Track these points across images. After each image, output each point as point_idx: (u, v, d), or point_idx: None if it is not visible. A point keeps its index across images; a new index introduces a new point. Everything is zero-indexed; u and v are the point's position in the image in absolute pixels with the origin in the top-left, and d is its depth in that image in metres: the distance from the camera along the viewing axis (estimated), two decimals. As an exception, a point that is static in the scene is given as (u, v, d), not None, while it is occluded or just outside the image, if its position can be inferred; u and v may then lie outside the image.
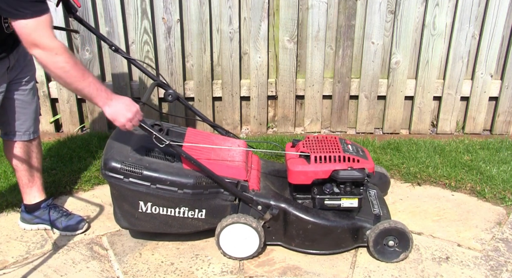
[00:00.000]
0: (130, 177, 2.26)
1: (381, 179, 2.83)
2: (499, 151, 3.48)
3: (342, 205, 2.38)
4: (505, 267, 2.38)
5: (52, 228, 2.60)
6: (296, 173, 2.39)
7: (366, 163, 2.38)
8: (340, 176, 2.33)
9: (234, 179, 2.38)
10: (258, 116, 3.90)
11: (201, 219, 2.38)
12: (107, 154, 2.33)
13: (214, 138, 2.64)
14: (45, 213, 2.60)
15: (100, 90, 2.08)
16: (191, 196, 2.30)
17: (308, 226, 2.36)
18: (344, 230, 2.37)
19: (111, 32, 3.62)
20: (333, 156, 2.37)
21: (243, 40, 3.71)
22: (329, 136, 2.57)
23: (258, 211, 2.37)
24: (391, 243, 2.35)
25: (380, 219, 2.41)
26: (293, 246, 2.43)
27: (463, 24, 3.60)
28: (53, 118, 3.89)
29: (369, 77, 3.75)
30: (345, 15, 3.62)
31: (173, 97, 2.60)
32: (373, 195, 2.62)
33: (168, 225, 2.39)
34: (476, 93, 3.80)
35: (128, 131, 2.44)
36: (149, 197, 2.30)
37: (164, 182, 2.27)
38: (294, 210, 2.36)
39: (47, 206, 2.62)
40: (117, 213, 2.40)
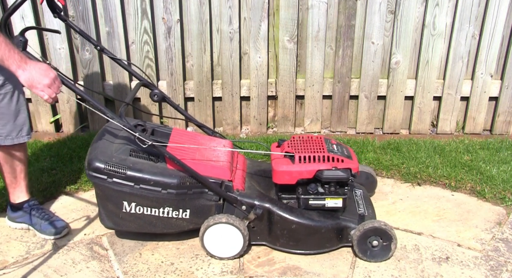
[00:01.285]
0: (114, 177, 2.26)
1: (367, 178, 2.84)
2: (499, 151, 3.48)
3: (327, 205, 2.39)
4: (505, 267, 2.38)
5: (32, 229, 2.60)
6: (281, 173, 2.39)
7: (351, 163, 2.38)
8: (325, 175, 2.33)
9: (218, 179, 2.38)
10: (258, 116, 3.90)
11: (186, 219, 2.38)
12: (91, 154, 2.33)
13: (200, 138, 2.65)
14: (26, 214, 2.60)
15: (13, 52, 1.97)
16: (175, 196, 2.30)
17: (292, 226, 2.36)
18: (328, 230, 2.38)
19: (111, 32, 3.62)
20: (318, 156, 2.37)
21: (243, 40, 3.71)
22: (315, 136, 2.58)
23: (243, 211, 2.37)
24: (375, 243, 2.36)
25: (364, 218, 2.41)
26: (278, 246, 2.44)
27: (463, 24, 3.60)
28: (53, 118, 3.89)
29: (369, 77, 3.75)
30: (345, 15, 3.62)
31: (159, 97, 2.60)
32: (359, 194, 2.63)
33: (153, 225, 2.39)
34: (476, 93, 3.81)
35: (112, 132, 2.44)
36: (133, 197, 2.30)
37: (148, 182, 2.27)
38: (278, 210, 2.37)
39: (29, 206, 2.61)
40: (102, 213, 2.40)
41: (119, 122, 2.23)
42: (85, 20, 3.57)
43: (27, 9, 3.53)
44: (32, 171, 3.13)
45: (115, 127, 2.40)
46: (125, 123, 2.23)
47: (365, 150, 3.46)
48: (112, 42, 3.65)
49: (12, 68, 1.99)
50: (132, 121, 2.37)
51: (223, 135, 2.87)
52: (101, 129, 2.56)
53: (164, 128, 2.63)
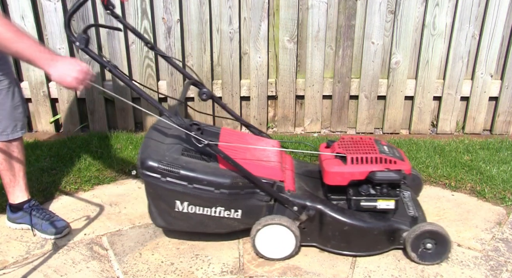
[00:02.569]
0: (168, 176, 2.25)
1: (414, 180, 2.78)
2: (499, 151, 3.48)
3: (378, 206, 2.35)
4: (505, 267, 2.38)
5: (33, 230, 2.59)
6: (333, 174, 2.36)
7: (403, 164, 2.35)
8: (377, 177, 2.30)
9: (270, 180, 2.36)
10: (258, 116, 3.90)
11: (237, 219, 2.36)
12: (144, 152, 2.30)
13: (249, 138, 2.64)
14: (26, 214, 2.59)
15: (42, 52, 1.99)
16: (228, 196, 2.29)
17: (344, 227, 2.33)
18: (380, 231, 2.35)
19: (111, 32, 3.62)
20: (370, 157, 2.34)
21: (243, 40, 3.71)
22: (364, 137, 2.55)
23: (294, 211, 2.35)
24: (429, 246, 2.32)
25: (417, 221, 2.38)
26: (329, 247, 2.41)
27: (463, 24, 3.60)
28: (53, 118, 3.89)
29: (369, 77, 3.76)
30: (345, 15, 3.62)
31: (207, 96, 2.58)
32: (407, 196, 2.59)
33: (204, 225, 2.38)
34: (476, 93, 3.81)
35: (162, 131, 2.43)
36: (186, 197, 2.29)
37: (201, 181, 2.25)
38: (330, 211, 2.34)
39: (29, 207, 2.60)
40: (153, 212, 2.38)
41: (176, 121, 2.23)
42: (85, 20, 3.57)
43: (27, 10, 3.53)
44: (32, 171, 3.13)
45: (165, 126, 2.40)
46: (182, 122, 2.22)
47: (365, 150, 3.46)
48: (112, 42, 3.65)
49: (44, 67, 2.01)
50: (186, 120, 2.34)
51: (269, 135, 2.85)
52: (150, 128, 2.54)
53: (212, 127, 2.62)
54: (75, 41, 2.07)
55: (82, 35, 2.07)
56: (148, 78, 3.75)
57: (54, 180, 3.05)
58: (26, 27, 3.58)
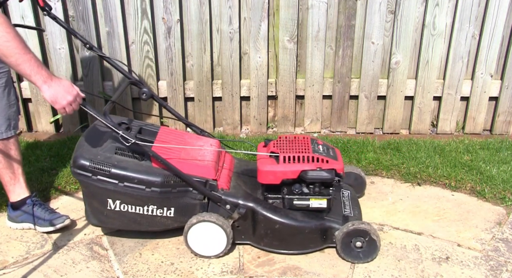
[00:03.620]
0: (98, 175, 2.28)
1: (356, 179, 2.84)
2: (499, 151, 3.48)
3: (311, 205, 2.39)
4: (505, 267, 2.38)
5: (35, 225, 2.60)
6: (265, 173, 2.40)
7: (336, 163, 2.38)
8: (309, 176, 2.34)
9: (203, 178, 2.39)
10: (258, 116, 3.90)
11: (170, 217, 2.39)
12: (77, 151, 2.34)
13: (187, 137, 2.65)
14: (29, 209, 2.61)
15: (41, 68, 2.03)
16: (159, 194, 2.31)
17: (276, 225, 2.37)
18: (312, 230, 2.38)
19: (111, 32, 3.62)
20: (302, 156, 2.38)
21: (243, 40, 3.71)
22: (301, 136, 2.58)
23: (227, 210, 2.38)
24: (359, 244, 2.35)
25: (348, 219, 2.41)
26: (262, 246, 2.44)
27: (463, 24, 3.60)
28: (53, 118, 3.89)
29: (369, 77, 3.75)
30: (345, 15, 3.62)
31: (147, 96, 2.61)
32: (347, 195, 2.63)
33: (137, 223, 2.40)
34: (476, 93, 3.81)
35: (100, 130, 2.45)
36: (117, 195, 2.32)
37: (132, 180, 2.28)
38: (262, 210, 2.37)
39: (32, 202, 2.62)
40: (87, 210, 2.43)
41: (103, 120, 2.24)
42: (85, 20, 3.57)
43: (27, 10, 3.53)
44: (32, 171, 3.13)
45: (102, 125, 2.41)
46: (109, 121, 2.24)
47: (365, 150, 3.46)
48: (112, 42, 3.65)
49: (38, 84, 2.05)
50: (117, 119, 2.37)
51: (211, 134, 2.87)
52: (89, 127, 2.58)
53: (152, 127, 2.63)
54: None
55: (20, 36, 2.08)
56: (148, 78, 3.75)
57: (54, 180, 3.05)
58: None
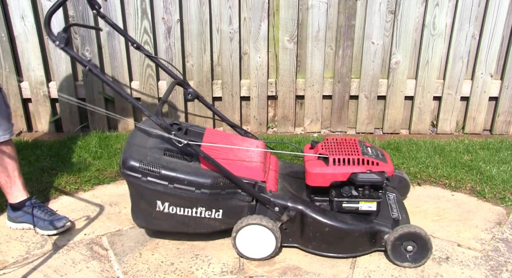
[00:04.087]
0: (148, 176, 2.25)
1: (400, 182, 2.79)
2: (499, 151, 3.48)
3: (360, 208, 2.35)
4: (505, 267, 2.38)
5: (35, 227, 2.59)
6: (314, 175, 2.36)
7: (386, 166, 2.35)
8: (359, 178, 2.30)
9: (252, 180, 2.36)
10: (258, 116, 3.90)
11: (218, 219, 2.37)
12: (126, 152, 2.31)
13: (233, 138, 2.64)
14: (28, 212, 2.60)
15: None
16: (209, 196, 2.29)
17: (325, 228, 2.33)
18: (361, 233, 2.34)
19: (111, 32, 3.62)
20: (352, 159, 2.34)
21: (243, 40, 3.71)
22: (349, 138, 2.54)
23: (275, 212, 2.35)
24: (410, 248, 2.31)
25: (398, 223, 2.37)
26: (310, 249, 2.41)
27: (463, 24, 3.60)
28: (53, 118, 3.89)
29: (369, 77, 3.76)
30: (345, 15, 3.62)
31: (193, 96, 2.62)
32: (392, 198, 2.58)
33: (185, 225, 2.38)
34: (476, 93, 3.81)
35: (146, 131, 2.43)
36: (166, 196, 2.29)
37: (182, 181, 2.26)
38: (312, 212, 2.33)
39: (31, 204, 2.61)
40: (135, 212, 2.39)
41: (156, 121, 2.23)
42: (85, 20, 3.57)
43: (27, 10, 3.53)
44: (32, 171, 3.13)
45: (149, 125, 2.40)
46: (162, 122, 2.22)
47: (365, 150, 3.46)
48: (112, 42, 3.65)
49: None
50: (167, 120, 2.35)
51: (255, 135, 2.85)
52: (134, 128, 2.56)
53: (197, 128, 2.62)
54: (54, 40, 2.07)
55: (62, 34, 2.08)
56: (148, 78, 3.75)
57: (54, 180, 3.05)
58: (26, 27, 3.58)
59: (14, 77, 3.72)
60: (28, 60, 3.69)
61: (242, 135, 2.79)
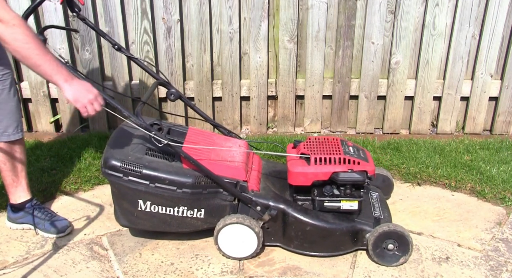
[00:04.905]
0: (130, 176, 2.27)
1: (384, 181, 2.81)
2: (499, 151, 3.48)
3: (342, 207, 2.36)
4: (505, 267, 2.38)
5: (36, 229, 2.59)
6: (296, 174, 2.38)
7: (367, 165, 2.36)
8: (340, 178, 2.32)
9: (233, 179, 2.38)
10: (258, 116, 3.90)
11: (200, 218, 2.38)
12: (107, 152, 2.33)
13: (216, 138, 2.64)
14: (29, 214, 2.60)
15: (61, 68, 2.03)
16: (190, 195, 2.30)
17: (307, 227, 2.35)
18: (343, 232, 2.36)
19: (111, 32, 3.62)
20: (333, 158, 2.35)
21: (243, 40, 3.71)
22: (331, 137, 2.56)
23: (257, 211, 2.37)
24: (391, 247, 2.33)
25: (380, 222, 2.38)
26: (292, 248, 2.42)
27: (463, 24, 3.60)
28: (53, 118, 3.89)
29: (369, 77, 3.75)
30: (345, 15, 3.62)
31: (175, 96, 2.62)
32: (375, 197, 2.60)
33: (167, 224, 2.39)
34: (476, 93, 3.81)
35: (129, 131, 2.44)
36: (148, 196, 2.31)
37: (163, 181, 2.27)
38: (293, 211, 2.35)
39: (31, 206, 2.61)
40: (117, 211, 2.41)
41: (135, 121, 2.23)
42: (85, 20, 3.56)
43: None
44: (32, 171, 3.13)
45: (132, 126, 2.40)
46: (141, 122, 2.23)
47: (365, 150, 3.46)
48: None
49: (60, 83, 2.03)
50: (148, 120, 2.36)
51: (238, 135, 2.86)
52: (117, 128, 2.56)
53: (180, 127, 2.62)
54: None
55: (39, 37, 2.09)
56: (148, 78, 3.75)
57: (54, 180, 3.05)
58: (26, 27, 3.58)
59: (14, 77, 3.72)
60: (28, 60, 3.69)
61: (226, 135, 2.80)
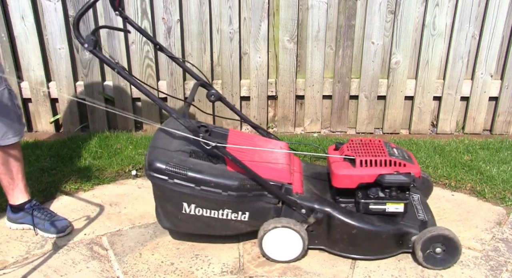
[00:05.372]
0: (175, 178, 2.23)
1: (423, 183, 2.76)
2: (499, 151, 3.48)
3: (387, 209, 2.33)
4: (505, 267, 2.38)
5: (35, 229, 2.58)
6: (341, 177, 2.34)
7: (412, 167, 2.32)
8: (386, 180, 2.27)
9: (279, 182, 2.35)
10: (258, 116, 3.90)
11: (244, 221, 2.35)
12: (151, 154, 2.29)
13: (257, 139, 2.62)
14: (28, 215, 2.59)
15: None
16: (235, 198, 2.27)
17: (353, 230, 2.31)
18: (389, 235, 2.33)
19: (111, 32, 3.62)
20: (379, 160, 2.32)
21: (243, 40, 3.71)
22: (374, 139, 2.52)
23: (302, 214, 2.33)
24: (439, 250, 2.30)
25: (426, 225, 2.35)
26: (337, 251, 2.39)
27: (463, 24, 3.60)
28: (53, 118, 3.89)
29: (369, 77, 3.76)
30: (345, 15, 3.62)
31: (216, 97, 2.58)
32: (417, 199, 2.56)
33: (211, 227, 2.36)
34: (476, 93, 3.81)
35: (170, 132, 2.41)
36: (193, 199, 2.28)
37: (209, 183, 2.24)
38: (339, 214, 2.32)
39: (31, 207, 2.60)
40: (160, 214, 2.38)
41: (184, 123, 2.22)
42: (85, 20, 3.57)
43: (27, 10, 3.53)
44: (32, 171, 3.13)
45: (173, 127, 2.38)
46: (190, 124, 2.21)
47: (365, 150, 3.46)
48: (112, 42, 3.65)
49: None
50: (193, 122, 2.33)
51: (277, 137, 2.83)
52: (157, 130, 2.54)
53: (220, 129, 2.61)
54: (83, 43, 2.06)
55: (91, 37, 2.07)
56: (148, 78, 3.75)
57: (54, 180, 3.05)
58: (26, 27, 3.58)
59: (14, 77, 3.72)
60: (28, 60, 3.69)
61: (265, 136, 2.77)
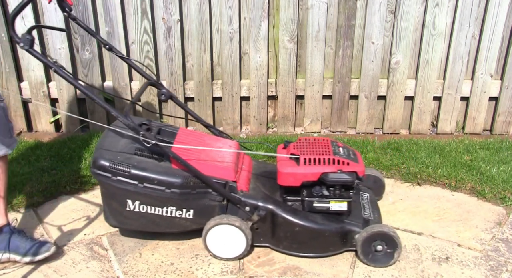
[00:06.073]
0: (118, 176, 2.27)
1: (375, 182, 2.81)
2: (499, 151, 3.48)
3: (331, 208, 2.36)
4: (505, 267, 2.38)
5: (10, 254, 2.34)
6: (285, 175, 2.37)
7: (356, 166, 2.36)
8: (329, 178, 2.31)
9: (222, 180, 2.38)
10: (258, 116, 3.90)
11: (189, 218, 2.38)
12: (97, 152, 2.35)
13: (206, 138, 2.64)
14: (5, 239, 2.35)
15: None
16: (179, 195, 2.31)
17: (296, 228, 2.34)
18: (332, 233, 2.36)
19: (111, 32, 3.62)
20: (323, 158, 2.35)
21: (243, 40, 3.71)
22: (321, 138, 2.56)
23: (246, 212, 2.37)
24: (380, 248, 2.32)
25: (369, 223, 2.38)
26: (281, 248, 2.42)
27: (463, 24, 3.60)
28: (53, 118, 3.89)
29: (369, 77, 3.75)
30: (345, 15, 3.62)
31: (166, 97, 2.64)
32: (366, 198, 2.60)
33: (156, 224, 2.39)
34: (476, 93, 3.81)
35: (118, 131, 2.43)
36: (137, 196, 2.31)
37: (152, 181, 2.28)
38: (282, 212, 2.35)
39: (10, 229, 2.37)
40: (106, 211, 2.42)
41: (124, 121, 2.24)
42: (85, 20, 3.57)
43: (27, 10, 3.53)
44: (32, 171, 3.13)
45: (121, 126, 2.40)
46: (130, 122, 2.23)
47: (365, 150, 3.46)
48: (112, 42, 3.65)
49: None
50: (137, 120, 2.36)
51: (229, 136, 2.86)
52: (107, 128, 2.57)
53: (171, 127, 2.62)
54: (19, 42, 2.08)
55: (27, 36, 2.09)
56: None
57: (54, 180, 3.05)
58: (26, 27, 3.58)
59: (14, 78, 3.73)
60: (28, 60, 3.69)
61: (216, 135, 2.80)
